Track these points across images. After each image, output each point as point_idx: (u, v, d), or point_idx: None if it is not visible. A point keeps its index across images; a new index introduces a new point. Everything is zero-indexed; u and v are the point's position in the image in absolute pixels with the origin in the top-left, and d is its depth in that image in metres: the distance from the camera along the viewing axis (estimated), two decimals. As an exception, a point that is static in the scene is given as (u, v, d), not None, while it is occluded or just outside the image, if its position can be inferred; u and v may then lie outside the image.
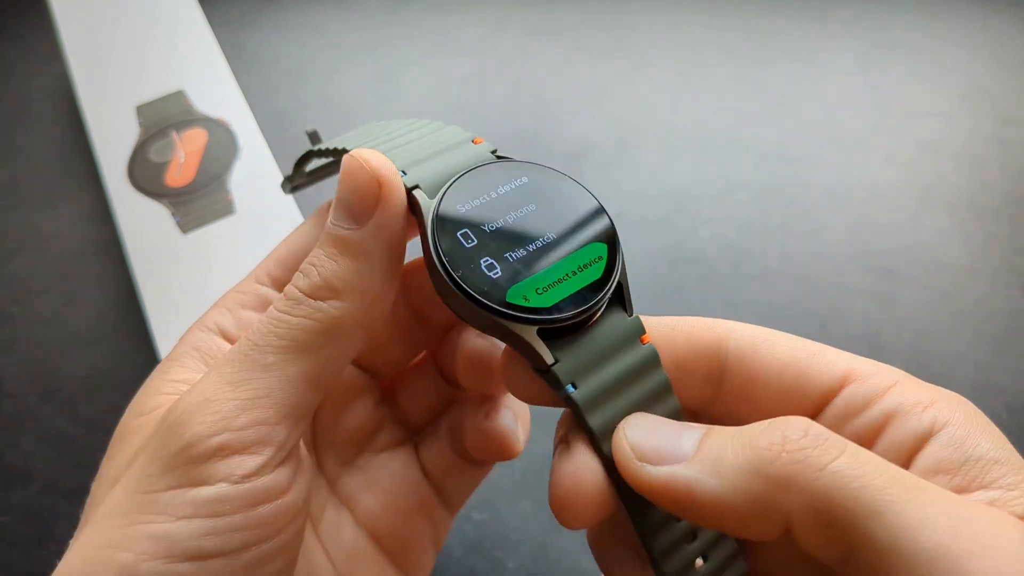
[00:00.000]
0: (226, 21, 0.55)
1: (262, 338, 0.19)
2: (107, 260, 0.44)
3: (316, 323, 0.19)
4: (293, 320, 0.19)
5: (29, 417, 0.39)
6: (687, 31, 0.56)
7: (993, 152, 0.49)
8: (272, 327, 0.19)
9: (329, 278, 0.19)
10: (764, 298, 0.42)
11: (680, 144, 0.49)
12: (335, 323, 0.19)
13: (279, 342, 0.18)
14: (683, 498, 0.16)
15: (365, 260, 0.19)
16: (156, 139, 0.41)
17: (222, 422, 0.18)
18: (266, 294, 0.22)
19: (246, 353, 0.19)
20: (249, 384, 0.18)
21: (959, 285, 0.43)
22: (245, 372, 0.18)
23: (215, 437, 0.17)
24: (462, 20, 0.56)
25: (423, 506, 0.25)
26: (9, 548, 0.35)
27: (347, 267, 0.19)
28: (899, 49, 0.54)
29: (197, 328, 0.22)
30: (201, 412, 0.18)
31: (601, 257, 0.19)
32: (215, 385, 0.18)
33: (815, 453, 0.15)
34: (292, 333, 0.19)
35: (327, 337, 0.19)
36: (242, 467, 0.17)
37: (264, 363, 0.18)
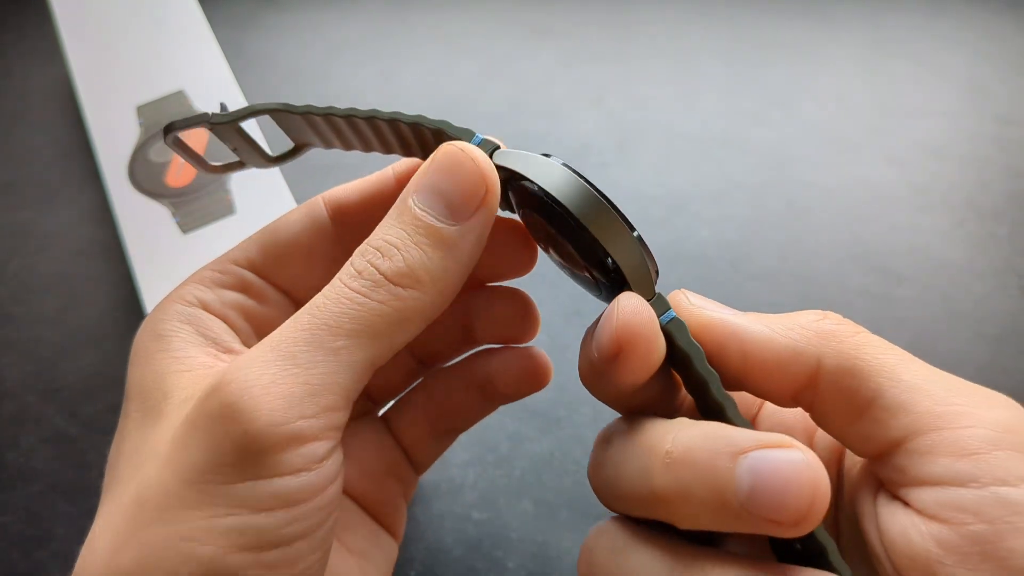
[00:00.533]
0: (226, 21, 0.55)
1: (334, 318, 0.18)
2: (107, 260, 0.44)
3: (393, 311, 0.18)
4: (371, 304, 0.18)
5: (29, 417, 0.39)
6: (687, 31, 0.56)
7: (993, 152, 0.49)
8: (346, 307, 0.18)
9: (415, 267, 0.18)
10: (764, 298, 0.42)
11: (680, 144, 0.49)
12: (412, 313, 0.18)
13: (352, 325, 0.18)
14: (731, 335, 0.19)
15: (454, 257, 0.19)
16: (157, 139, 0.41)
17: (295, 409, 0.17)
18: (247, 278, 0.22)
19: (313, 332, 0.17)
20: (318, 367, 0.17)
21: (959, 285, 0.43)
22: (312, 352, 0.17)
23: (289, 425, 0.17)
24: (462, 20, 0.56)
25: (394, 469, 0.25)
26: (9, 548, 0.35)
27: (436, 260, 0.18)
28: (899, 49, 0.54)
29: (176, 302, 0.21)
30: (268, 396, 0.17)
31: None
32: (278, 365, 0.17)
33: (851, 327, 0.19)
34: (368, 317, 0.18)
35: (399, 327, 0.18)
36: (316, 454, 0.17)
37: (334, 346, 0.17)
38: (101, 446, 0.38)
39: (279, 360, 0.17)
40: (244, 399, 0.17)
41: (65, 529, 0.35)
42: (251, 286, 0.22)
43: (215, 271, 0.22)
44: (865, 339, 0.19)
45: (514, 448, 0.37)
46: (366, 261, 0.18)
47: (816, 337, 0.19)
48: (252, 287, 0.23)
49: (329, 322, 0.18)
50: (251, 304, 0.22)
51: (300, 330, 0.18)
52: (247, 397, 0.17)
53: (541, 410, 0.38)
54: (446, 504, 0.36)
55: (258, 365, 0.17)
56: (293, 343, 0.17)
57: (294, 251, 0.23)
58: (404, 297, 0.18)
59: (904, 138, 0.49)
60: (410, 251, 0.18)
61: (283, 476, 0.17)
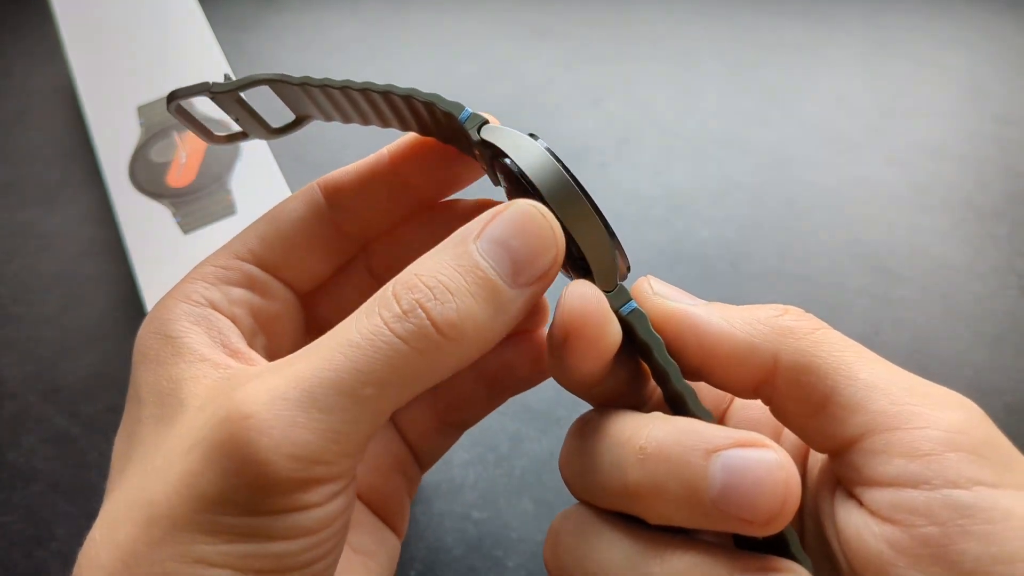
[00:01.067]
0: (226, 21, 0.55)
1: (367, 363, 0.16)
2: (108, 260, 0.44)
3: (428, 363, 0.17)
4: (407, 352, 0.17)
5: (30, 417, 0.39)
6: (687, 31, 0.56)
7: (993, 152, 0.49)
8: (382, 352, 0.17)
9: (465, 319, 0.17)
10: (764, 298, 0.42)
11: (680, 144, 0.49)
12: (444, 367, 0.17)
13: (384, 373, 0.17)
14: (690, 328, 0.19)
15: (502, 320, 0.18)
16: (157, 139, 0.41)
17: (314, 454, 0.16)
18: (252, 273, 0.22)
19: (342, 375, 0.16)
20: (343, 415, 0.16)
21: (959, 285, 0.43)
22: (339, 398, 0.16)
23: (305, 471, 0.16)
24: (462, 20, 0.56)
25: (398, 464, 0.25)
26: (9, 548, 0.35)
27: (486, 318, 0.17)
28: (899, 49, 0.54)
29: (182, 302, 0.20)
30: (287, 442, 0.16)
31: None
32: (302, 407, 0.16)
33: (810, 323, 0.19)
34: (403, 368, 0.17)
35: (428, 377, 0.17)
36: (331, 492, 0.17)
37: (363, 394, 0.16)
38: (101, 446, 0.38)
39: (303, 401, 0.16)
40: (262, 441, 0.16)
41: (65, 529, 0.35)
42: (256, 281, 0.22)
43: (218, 267, 0.21)
44: (823, 336, 0.19)
45: (514, 448, 0.37)
46: (414, 300, 0.17)
47: (773, 333, 0.19)
48: (257, 282, 0.22)
49: (361, 367, 0.17)
50: (257, 300, 0.22)
51: (329, 369, 0.17)
52: (265, 439, 0.16)
53: (541, 410, 0.38)
54: (446, 504, 0.36)
55: (279, 403, 0.16)
56: (319, 383, 0.16)
57: (296, 240, 0.23)
58: (445, 349, 0.17)
59: (904, 138, 0.49)
60: (465, 301, 0.17)
61: (295, 513, 0.16)
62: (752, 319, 0.19)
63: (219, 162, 0.40)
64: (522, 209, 0.18)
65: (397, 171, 0.23)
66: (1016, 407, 0.39)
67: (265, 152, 0.41)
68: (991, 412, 0.19)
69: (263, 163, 0.40)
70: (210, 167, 0.40)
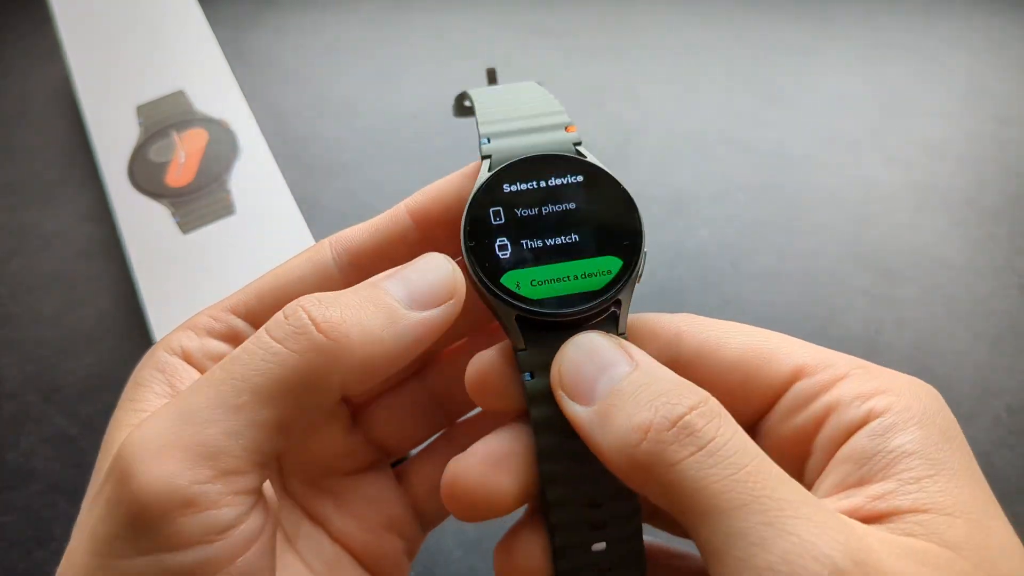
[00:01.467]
0: (226, 21, 0.55)
1: (242, 371, 0.16)
2: (107, 260, 0.44)
3: (306, 364, 0.16)
4: (284, 355, 0.16)
5: (29, 417, 0.39)
6: (687, 31, 0.56)
7: (993, 152, 0.49)
8: (258, 358, 0.16)
9: (349, 320, 0.17)
10: (764, 298, 0.42)
11: (680, 144, 0.49)
12: (326, 371, 0.17)
13: (258, 379, 0.16)
14: (586, 439, 0.17)
15: (393, 332, 0.18)
16: (156, 139, 0.41)
17: (187, 473, 0.15)
18: (237, 327, 0.21)
19: (218, 387, 0.16)
20: (215, 426, 0.16)
21: (959, 285, 0.43)
22: (212, 409, 0.16)
23: (179, 491, 0.15)
24: (462, 20, 0.56)
25: (393, 523, 0.24)
26: (9, 548, 0.35)
27: (373, 324, 0.17)
28: (899, 49, 0.54)
29: (162, 349, 0.20)
30: (157, 459, 0.15)
31: (610, 272, 0.20)
32: (175, 423, 0.16)
33: (671, 448, 0.16)
34: (277, 371, 0.16)
35: (311, 385, 0.17)
36: (218, 523, 0.16)
37: (236, 402, 0.16)
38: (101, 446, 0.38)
39: (176, 419, 0.16)
40: (134, 462, 0.15)
41: (65, 529, 0.35)
42: (239, 336, 0.21)
43: (210, 317, 0.21)
44: (684, 469, 0.16)
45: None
46: (299, 305, 0.17)
47: (638, 469, 0.16)
48: (239, 337, 0.21)
49: (235, 375, 0.16)
50: None
51: (203, 385, 0.16)
52: (138, 462, 0.15)
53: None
54: (446, 504, 0.36)
55: (155, 424, 0.16)
56: (195, 399, 0.16)
57: (291, 299, 0.21)
58: (323, 349, 0.16)
59: (904, 138, 0.49)
60: (351, 306, 0.17)
61: (181, 549, 0.15)
62: (625, 443, 0.17)
63: (218, 162, 0.40)
64: (424, 258, 0.19)
65: (424, 234, 0.22)
66: (1017, 407, 0.39)
67: (264, 152, 0.41)
68: (991, 412, 0.19)
69: (262, 163, 0.40)
70: (209, 167, 0.40)
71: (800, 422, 0.19)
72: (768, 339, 0.20)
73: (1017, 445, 0.37)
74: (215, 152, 0.40)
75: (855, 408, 0.18)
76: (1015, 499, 0.36)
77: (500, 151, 0.21)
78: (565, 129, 0.21)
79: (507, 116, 0.22)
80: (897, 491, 0.16)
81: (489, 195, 0.20)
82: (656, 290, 0.42)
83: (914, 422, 0.17)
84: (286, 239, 0.37)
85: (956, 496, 0.16)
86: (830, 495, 0.17)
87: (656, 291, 0.42)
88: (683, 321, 0.20)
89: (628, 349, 0.18)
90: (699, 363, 0.20)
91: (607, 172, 0.20)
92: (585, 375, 0.18)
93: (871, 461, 0.17)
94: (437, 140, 0.49)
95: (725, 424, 0.16)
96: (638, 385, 0.17)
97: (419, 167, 0.48)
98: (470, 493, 0.19)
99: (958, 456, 0.17)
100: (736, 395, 0.19)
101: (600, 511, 0.19)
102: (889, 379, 0.18)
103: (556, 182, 0.20)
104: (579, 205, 0.20)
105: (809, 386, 0.19)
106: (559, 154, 0.20)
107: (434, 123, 0.50)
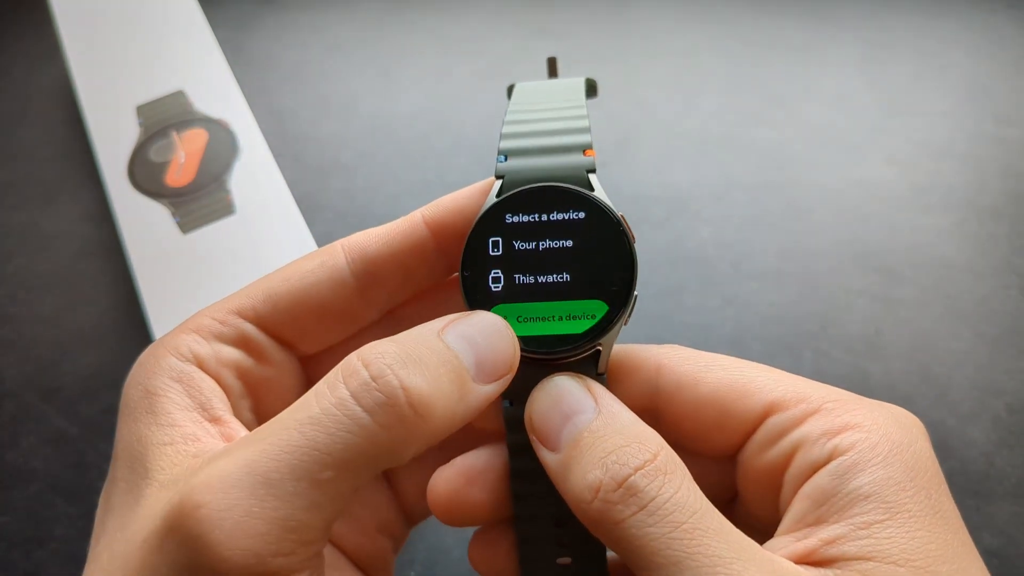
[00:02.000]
0: (226, 21, 0.55)
1: (326, 444, 0.16)
2: (107, 260, 0.44)
3: (391, 441, 0.16)
4: (371, 429, 0.16)
5: (29, 417, 0.39)
6: (687, 31, 0.56)
7: (993, 152, 0.49)
8: (343, 428, 0.16)
9: (435, 396, 0.17)
10: (764, 298, 0.42)
11: (680, 144, 0.49)
12: (406, 447, 0.17)
13: (344, 455, 0.16)
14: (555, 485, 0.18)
15: (464, 408, 0.18)
16: (156, 139, 0.41)
17: (271, 547, 0.15)
18: (248, 333, 0.20)
19: (300, 458, 0.15)
20: (300, 500, 0.15)
21: (959, 285, 0.43)
22: (296, 483, 0.15)
23: (261, 567, 0.15)
24: (462, 20, 0.56)
25: (386, 526, 0.24)
26: (9, 548, 0.35)
27: (453, 397, 0.17)
28: (899, 49, 0.54)
29: (171, 354, 0.19)
30: (240, 533, 0.15)
31: (594, 316, 0.20)
32: (256, 494, 0.15)
33: (616, 508, 0.17)
34: (364, 447, 0.16)
35: (390, 458, 0.17)
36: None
37: (320, 478, 0.15)
38: (100, 446, 0.38)
39: (257, 488, 0.15)
40: (215, 533, 0.15)
41: (65, 529, 0.35)
42: (251, 342, 0.21)
43: (216, 320, 0.20)
44: (629, 528, 0.17)
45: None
46: (385, 365, 0.16)
47: (591, 525, 0.17)
48: (252, 344, 0.21)
49: (320, 447, 0.16)
50: (248, 363, 0.21)
51: (286, 451, 0.16)
52: (218, 531, 0.15)
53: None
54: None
55: (234, 492, 0.15)
56: (275, 468, 0.15)
57: (305, 305, 0.21)
58: (411, 427, 0.16)
59: (904, 138, 0.49)
60: (435, 374, 0.17)
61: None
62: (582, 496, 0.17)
63: (218, 162, 0.40)
64: (488, 317, 0.19)
65: (440, 245, 0.22)
66: (1017, 407, 0.39)
67: (264, 152, 0.41)
68: (992, 412, 0.19)
69: (262, 163, 0.40)
70: (209, 167, 0.40)
71: (772, 456, 0.19)
72: (745, 373, 0.20)
73: (1017, 445, 0.37)
74: (215, 152, 0.40)
75: (820, 446, 0.18)
76: (1015, 499, 0.36)
77: (513, 173, 0.21)
78: (583, 152, 0.21)
79: (530, 130, 0.22)
80: (848, 536, 0.17)
81: (490, 224, 0.20)
82: (657, 291, 0.42)
83: (877, 461, 0.17)
84: (286, 239, 0.37)
85: (905, 544, 0.16)
86: (790, 531, 0.18)
87: (657, 292, 0.42)
88: (664, 355, 0.21)
89: (595, 393, 0.19)
90: (678, 396, 0.20)
91: (610, 210, 0.20)
92: (552, 422, 0.19)
93: (829, 502, 0.17)
94: (437, 140, 0.49)
95: (669, 482, 0.17)
96: (596, 436, 0.18)
97: (419, 167, 0.48)
98: (447, 503, 0.20)
99: (921, 497, 0.17)
100: (712, 428, 0.20)
101: (565, 529, 0.20)
102: (862, 413, 0.19)
103: (558, 217, 0.20)
104: (576, 243, 0.20)
105: (781, 422, 0.19)
106: (567, 188, 0.20)
107: (434, 123, 0.50)
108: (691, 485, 0.17)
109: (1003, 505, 0.35)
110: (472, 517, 0.20)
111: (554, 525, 0.20)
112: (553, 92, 0.24)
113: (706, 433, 0.20)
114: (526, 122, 0.22)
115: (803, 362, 0.40)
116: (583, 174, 0.21)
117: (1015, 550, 0.34)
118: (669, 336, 0.41)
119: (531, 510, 0.20)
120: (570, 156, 0.21)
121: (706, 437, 0.20)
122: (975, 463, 0.36)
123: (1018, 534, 0.34)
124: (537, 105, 0.23)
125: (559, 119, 0.22)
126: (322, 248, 0.22)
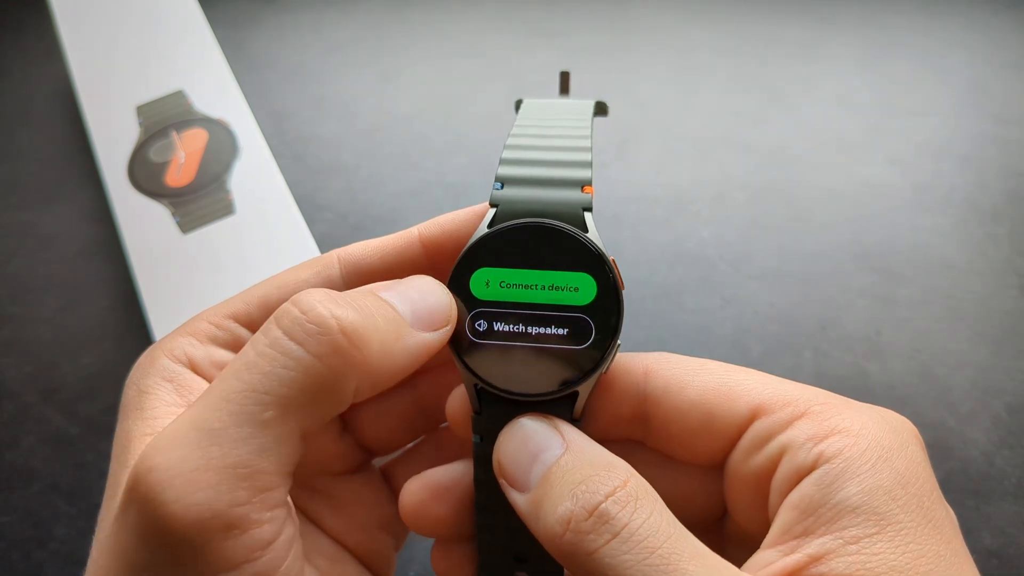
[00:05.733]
0: (226, 21, 0.55)
1: (264, 382, 0.16)
2: (107, 260, 0.44)
3: (329, 371, 0.16)
4: (308, 361, 0.16)
5: (29, 417, 0.39)
6: (687, 31, 0.56)
7: (993, 152, 0.49)
8: (280, 365, 0.16)
9: (369, 327, 0.17)
10: (764, 298, 0.42)
11: (680, 144, 0.49)
12: (347, 378, 0.17)
13: (283, 390, 0.16)
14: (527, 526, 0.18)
15: (403, 348, 0.18)
16: (156, 139, 0.41)
17: (225, 497, 0.15)
18: (243, 337, 0.21)
19: (240, 403, 0.16)
20: (246, 445, 0.15)
21: (959, 285, 0.43)
22: (239, 428, 0.15)
23: (220, 516, 0.15)
24: (462, 20, 0.56)
25: (387, 524, 0.24)
26: (9, 548, 0.35)
27: (388, 334, 0.17)
28: (899, 49, 0.54)
29: (165, 355, 0.20)
30: (191, 486, 0.15)
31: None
32: (201, 445, 0.15)
33: (588, 538, 0.16)
34: (302, 380, 0.16)
35: (333, 392, 0.17)
36: (261, 540, 0.16)
37: (263, 419, 0.16)
38: (101, 446, 0.38)
39: (202, 439, 0.15)
40: (166, 492, 0.15)
41: (65, 529, 0.35)
42: (243, 346, 0.21)
43: (212, 323, 0.20)
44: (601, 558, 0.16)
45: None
46: (315, 301, 0.17)
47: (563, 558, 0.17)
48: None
49: (257, 388, 0.16)
50: None
51: (224, 400, 0.16)
52: (169, 490, 0.15)
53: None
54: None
55: (180, 449, 0.15)
56: (217, 417, 0.15)
57: None
58: (345, 354, 0.16)
59: (904, 138, 0.49)
60: (368, 310, 0.17)
61: (228, 571, 0.15)
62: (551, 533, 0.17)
63: (218, 162, 0.40)
64: (421, 279, 0.19)
65: (432, 263, 0.22)
66: (1017, 407, 0.39)
67: (264, 152, 0.41)
68: (992, 412, 0.19)
69: (262, 163, 0.40)
70: (209, 167, 0.40)
71: (758, 462, 0.19)
72: (732, 376, 0.20)
73: (1017, 445, 0.37)
74: (215, 152, 0.40)
75: (806, 451, 0.18)
76: (1015, 499, 0.36)
77: (508, 203, 0.20)
78: (582, 189, 0.20)
79: (530, 159, 0.21)
80: (836, 552, 0.16)
81: (477, 258, 0.20)
82: (657, 291, 0.42)
83: (865, 468, 0.17)
84: (286, 239, 0.37)
85: (895, 560, 0.16)
86: (777, 543, 0.17)
87: (657, 292, 0.42)
88: (652, 360, 0.21)
89: (562, 430, 0.19)
90: (665, 401, 0.20)
91: (599, 254, 0.19)
92: (520, 463, 0.18)
93: (816, 512, 0.17)
94: (436, 140, 0.49)
95: (640, 507, 0.16)
96: (565, 470, 0.18)
97: (419, 167, 0.48)
98: (412, 514, 0.21)
99: (912, 506, 0.17)
100: (699, 432, 0.20)
101: (527, 565, 0.21)
102: (850, 417, 0.18)
103: (546, 254, 0.20)
104: (560, 287, 0.19)
105: (766, 426, 0.19)
106: (558, 228, 0.19)
107: (433, 123, 0.50)
108: (663, 509, 0.17)
109: (1003, 505, 0.35)
110: (435, 531, 0.21)
111: (513, 539, 0.20)
112: (560, 115, 0.23)
113: (693, 438, 0.20)
114: (527, 148, 0.21)
115: (803, 362, 0.40)
116: (579, 212, 0.20)
117: (1015, 550, 0.34)
118: (669, 336, 0.41)
119: (494, 542, 0.21)
120: (568, 191, 0.20)
121: (693, 442, 0.20)
122: (975, 463, 0.36)
123: (1018, 534, 0.34)
124: (542, 130, 0.22)
125: (562, 148, 0.21)
126: (318, 257, 0.22)
